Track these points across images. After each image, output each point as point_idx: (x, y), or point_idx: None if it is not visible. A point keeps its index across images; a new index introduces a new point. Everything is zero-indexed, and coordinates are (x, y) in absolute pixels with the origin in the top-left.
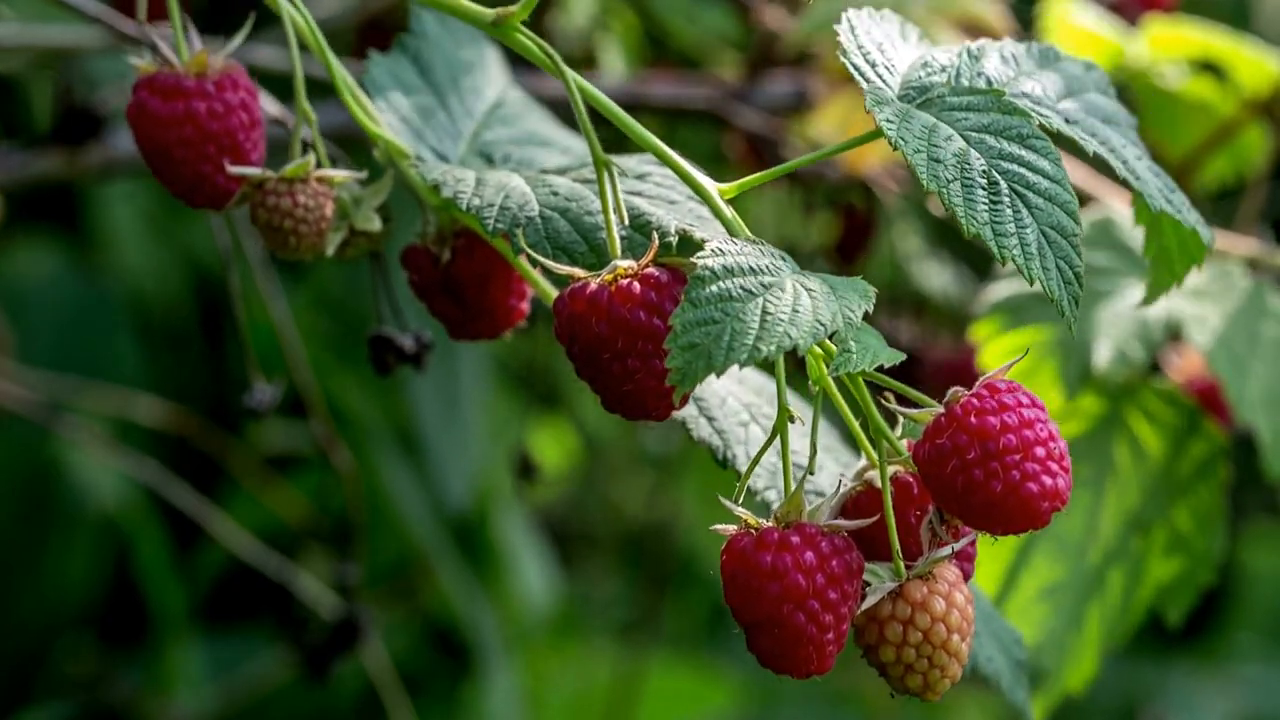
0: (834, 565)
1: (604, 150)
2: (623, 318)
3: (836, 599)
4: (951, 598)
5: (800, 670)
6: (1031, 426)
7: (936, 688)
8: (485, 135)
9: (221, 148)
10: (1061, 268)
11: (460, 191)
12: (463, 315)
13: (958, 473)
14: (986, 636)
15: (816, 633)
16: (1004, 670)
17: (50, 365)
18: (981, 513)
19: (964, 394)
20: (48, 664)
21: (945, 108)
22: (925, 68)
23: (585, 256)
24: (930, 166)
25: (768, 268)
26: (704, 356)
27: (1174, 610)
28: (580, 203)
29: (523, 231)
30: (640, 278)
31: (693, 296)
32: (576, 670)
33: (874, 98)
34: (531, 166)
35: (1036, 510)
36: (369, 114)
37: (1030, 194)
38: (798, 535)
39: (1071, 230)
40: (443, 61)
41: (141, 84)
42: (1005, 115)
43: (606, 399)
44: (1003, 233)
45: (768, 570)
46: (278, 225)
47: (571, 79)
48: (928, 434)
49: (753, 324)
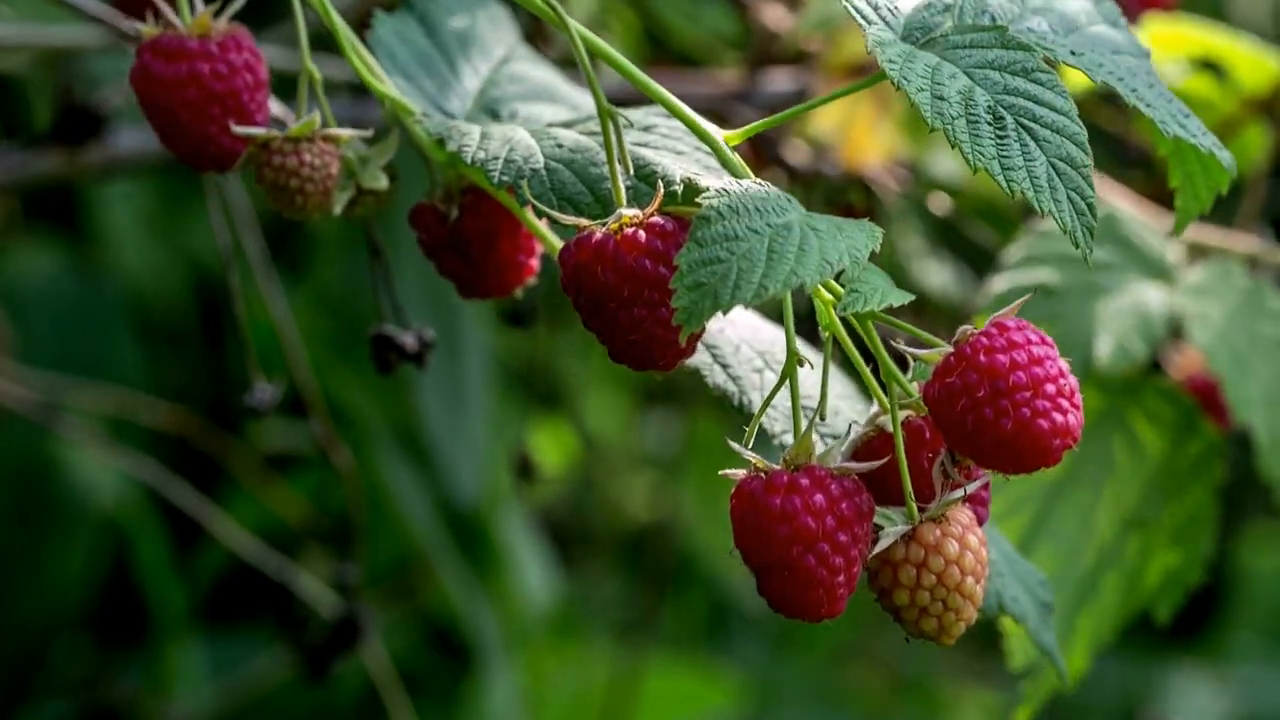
0: (844, 508)
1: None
2: (628, 266)
3: (847, 541)
4: (965, 540)
5: (812, 613)
6: (1041, 364)
7: (951, 630)
8: (492, 92)
9: (226, 108)
10: (1073, 199)
11: (465, 145)
12: (471, 273)
13: (968, 411)
14: (1011, 577)
15: (827, 575)
16: (1030, 610)
17: (50, 365)
18: (992, 451)
19: (973, 332)
20: (47, 664)
21: (949, 46)
22: (929, 7)
23: (591, 207)
24: (934, 104)
25: (774, 208)
26: (710, 295)
27: (1163, 608)
28: (585, 154)
29: (528, 183)
30: (646, 226)
31: (698, 236)
32: (576, 670)
33: (875, 39)
34: (538, 122)
35: (1048, 447)
36: (374, 73)
37: (1037, 127)
38: (807, 478)
39: (1081, 161)
40: (449, 20)
41: (145, 47)
42: (1009, 50)
43: (613, 349)
44: (1010, 166)
45: (777, 513)
46: (284, 184)
47: (574, 30)
48: (937, 373)
49: (759, 262)
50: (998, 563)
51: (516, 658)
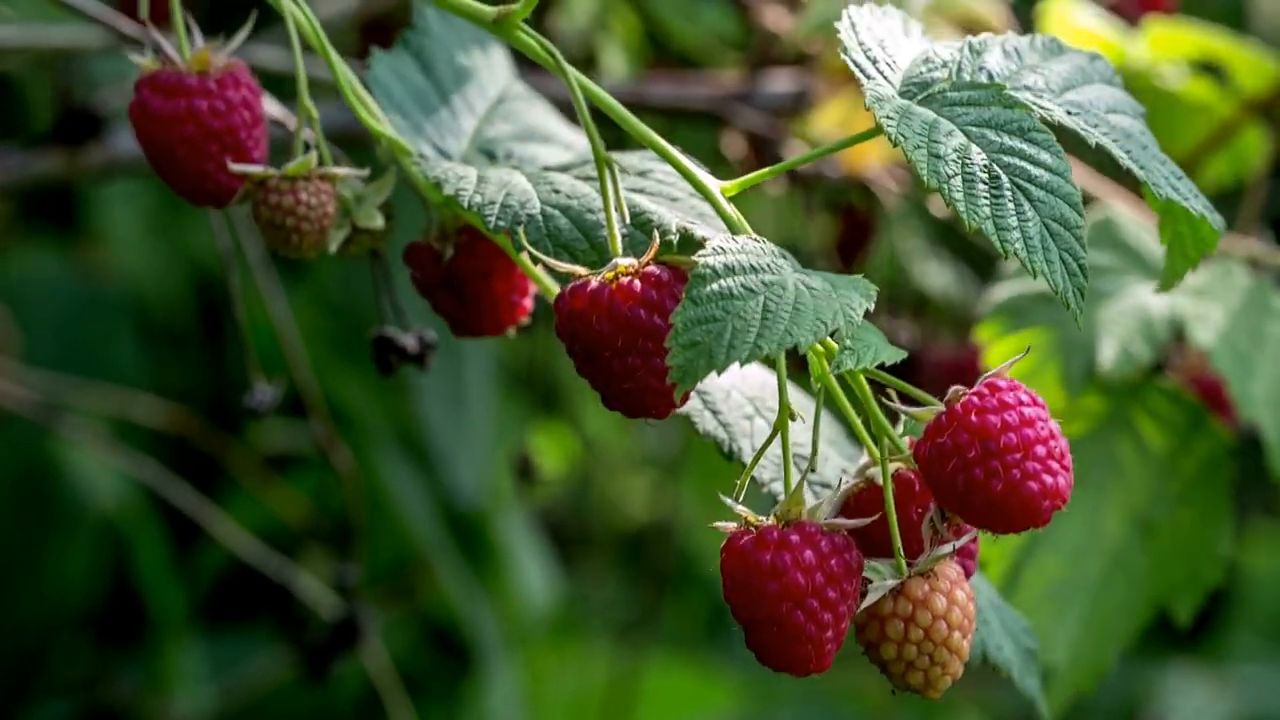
0: (833, 564)
1: (607, 148)
2: (623, 315)
3: (835, 597)
4: (953, 595)
5: (799, 668)
6: (1032, 425)
7: (938, 685)
8: (488, 132)
9: (224, 145)
10: (1065, 260)
11: (462, 189)
12: (465, 312)
13: (958, 471)
14: (996, 625)
15: (815, 631)
16: (1014, 659)
17: (50, 365)
18: (982, 511)
19: (965, 392)
20: (47, 664)
21: (946, 103)
22: (927, 64)
23: (586, 254)
24: (931, 162)
25: (769, 265)
26: (705, 354)
27: (1182, 609)
28: (582, 200)
29: (524, 229)
30: (641, 275)
31: (694, 294)
32: (576, 670)
33: (874, 95)
34: (534, 163)
35: (1037, 509)
36: (371, 111)
37: (1032, 187)
38: (797, 534)
39: (1074, 222)
40: (445, 58)
41: (143, 82)
42: (1006, 109)
43: (607, 397)
44: (1005, 226)
45: (767, 568)
46: (280, 223)
47: (573, 76)
48: (929, 432)
49: (754, 322)
50: (983, 610)
51: (516, 658)
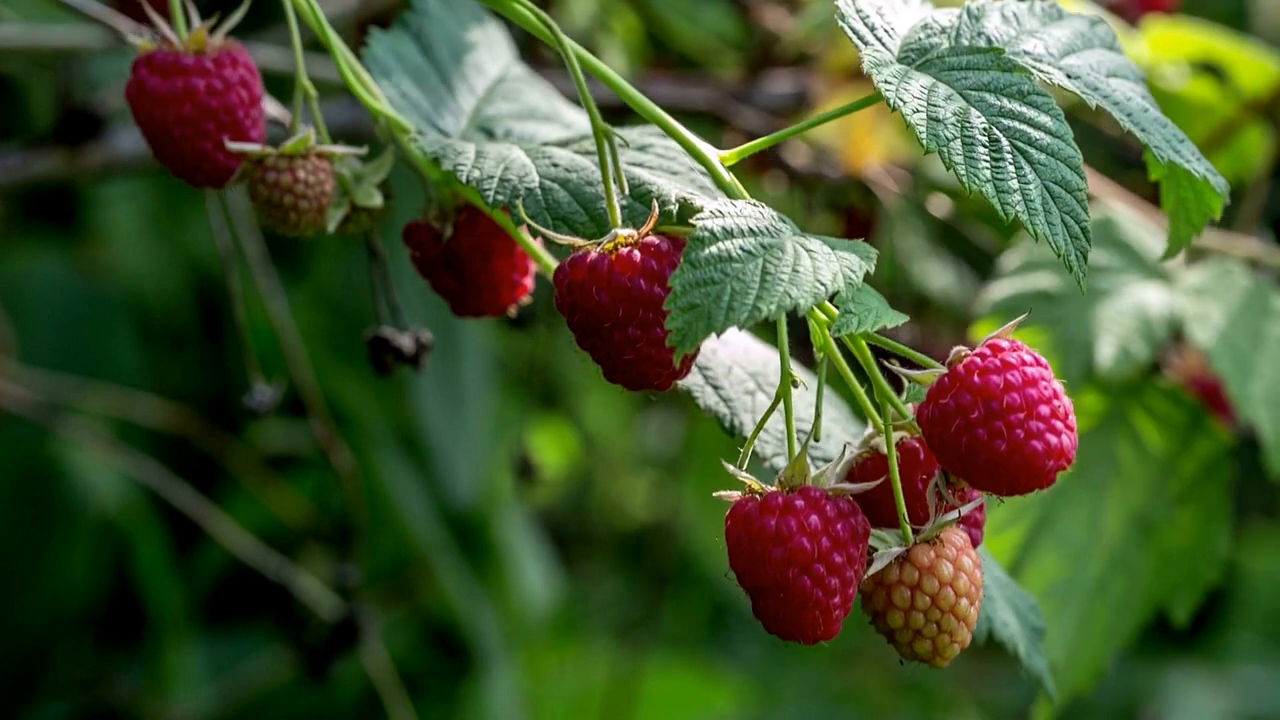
0: (839, 529)
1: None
2: (623, 285)
3: (842, 562)
4: (959, 562)
5: (807, 634)
6: (1035, 385)
7: (945, 652)
8: (487, 110)
9: (221, 125)
10: (1067, 222)
11: (460, 164)
12: (465, 291)
13: (962, 432)
14: (1002, 602)
15: (823, 596)
16: (1020, 636)
17: (50, 365)
18: (986, 472)
19: (967, 353)
20: (48, 664)
21: (945, 68)
22: (925, 29)
23: (586, 226)
24: (930, 126)
25: (767, 229)
26: (704, 317)
27: (1180, 609)
28: (580, 173)
29: (523, 203)
30: (640, 246)
31: (692, 257)
32: (576, 670)
33: (872, 60)
34: (533, 140)
35: (1041, 468)
36: (369, 90)
37: (1032, 150)
38: (802, 499)
39: (1076, 185)
40: (444, 38)
41: (140, 62)
42: (1005, 73)
43: (608, 368)
44: (1005, 189)
45: (772, 534)
46: (278, 201)
47: (570, 48)
48: (931, 395)
49: (752, 284)
50: (989, 586)
51: (516, 658)
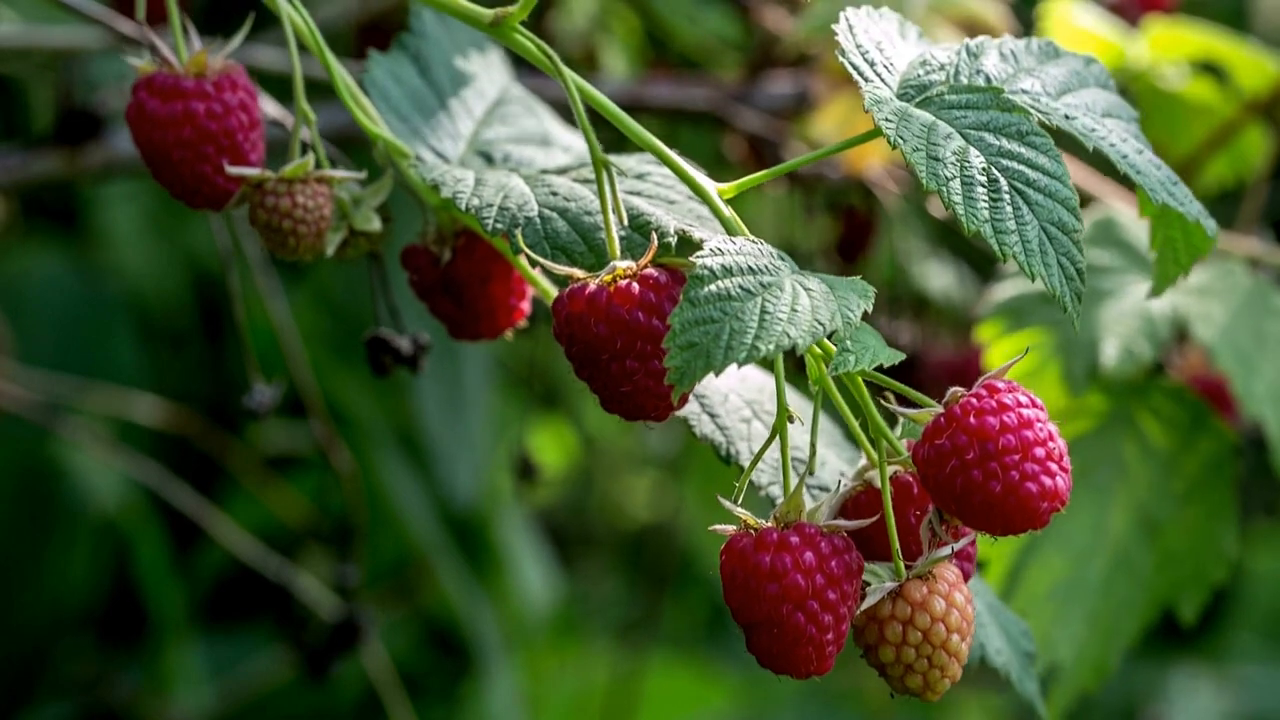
0: (833, 565)
1: (605, 150)
2: (621, 318)
3: (836, 599)
4: (951, 598)
5: (800, 670)
6: (1030, 426)
7: (936, 688)
8: (485, 134)
9: (220, 148)
10: (1063, 264)
11: (459, 191)
12: (463, 315)
13: (957, 473)
14: (994, 629)
15: (816, 633)
16: (1013, 662)
17: (50, 365)
18: (981, 513)
19: (963, 394)
20: (48, 664)
21: (944, 106)
22: (924, 66)
23: (584, 257)
24: (929, 165)
25: (766, 267)
26: (703, 356)
27: (1187, 608)
28: (579, 203)
29: (521, 231)
30: (639, 278)
31: (691, 296)
32: (576, 670)
33: (872, 97)
34: (531, 166)
35: (1035, 510)
36: (368, 114)
37: (1030, 191)
38: (797, 536)
39: (1072, 226)
40: (443, 60)
41: (140, 85)
42: (1004, 112)
43: (605, 399)
44: (1003, 230)
45: (767, 571)
46: (277, 226)
47: (570, 79)
48: (927, 434)
49: (751, 323)
50: (981, 614)
51: (516, 658)
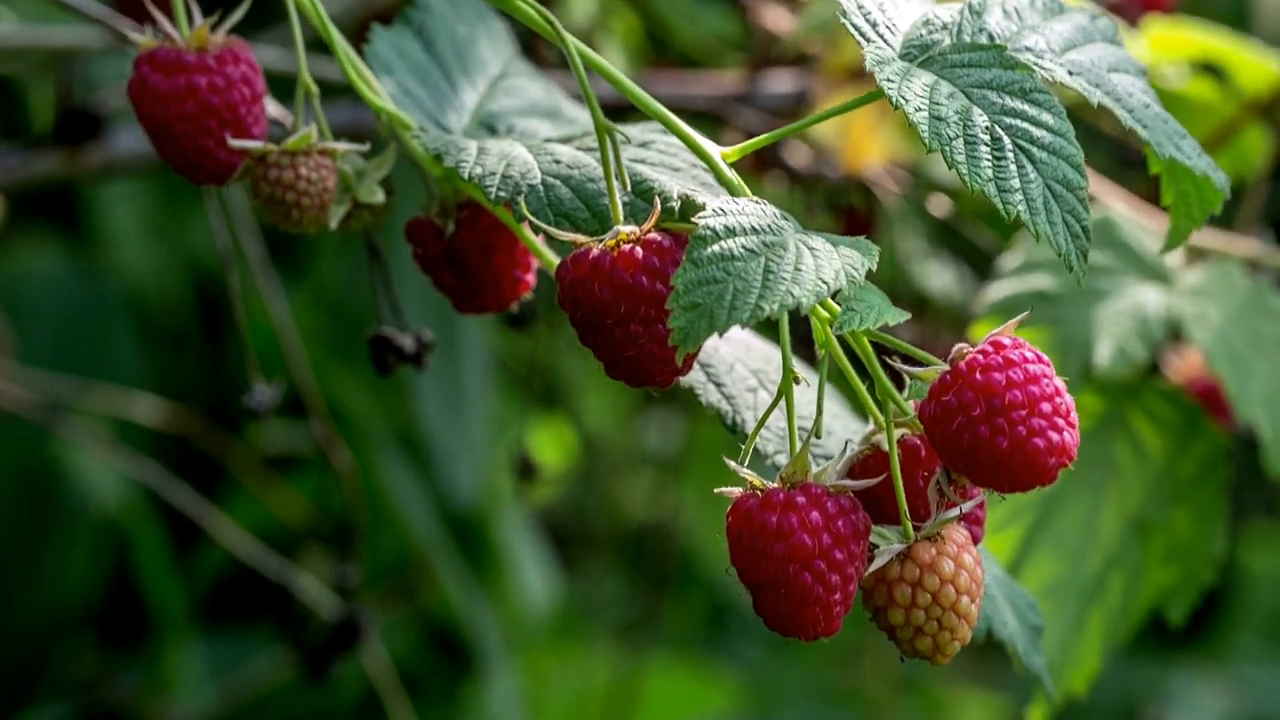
0: (840, 525)
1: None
2: (625, 282)
3: (843, 559)
4: (960, 559)
5: (808, 631)
6: (1037, 382)
7: (946, 650)
8: (489, 107)
9: (223, 121)
10: (1068, 221)
11: (462, 160)
12: (467, 288)
13: (964, 429)
14: (1002, 601)
15: (823, 593)
16: (1019, 635)
17: (50, 365)
18: (988, 470)
19: (969, 350)
20: (48, 664)
21: (947, 65)
22: (927, 26)
23: (588, 223)
24: (932, 124)
25: (770, 227)
26: (706, 316)
27: (1176, 610)
28: (583, 170)
29: (525, 199)
30: (643, 242)
31: (694, 256)
32: (576, 671)
33: (875, 57)
34: (535, 137)
35: (1043, 466)
36: (371, 86)
37: (1034, 148)
38: (803, 495)
39: (1077, 183)
40: (446, 34)
41: (142, 59)
42: (1007, 70)
43: (609, 365)
44: (1007, 188)
45: (773, 530)
46: (280, 198)
47: (571, 43)
48: (933, 392)
49: (755, 283)
50: (989, 585)
51: (517, 659)
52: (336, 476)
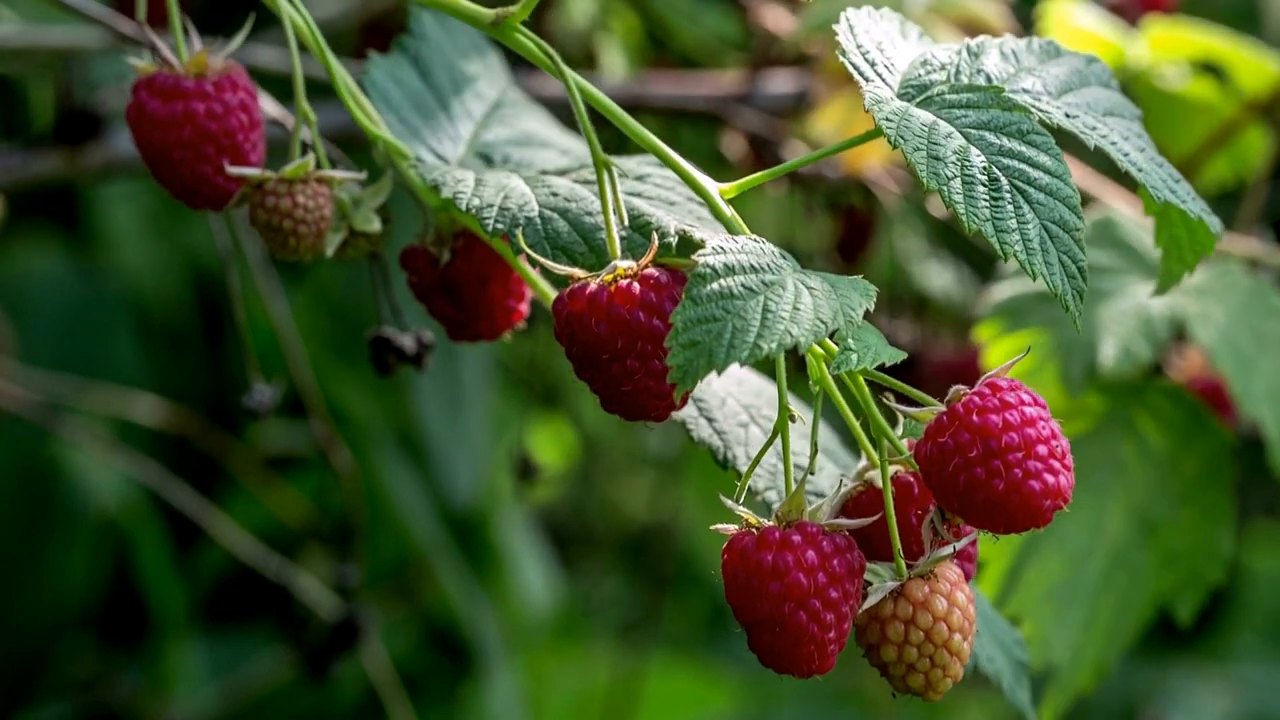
0: (835, 564)
1: (605, 152)
2: (622, 318)
3: (838, 598)
4: (953, 597)
5: (802, 669)
6: (1033, 424)
7: (938, 687)
8: (485, 136)
9: (221, 148)
10: (1064, 262)
11: (460, 192)
12: (462, 316)
13: (960, 471)
14: (987, 637)
15: (818, 631)
16: (1005, 670)
17: (50, 365)
18: (984, 511)
19: (966, 392)
20: (48, 664)
21: (944, 105)
22: (925, 65)
23: (585, 257)
24: (930, 164)
25: (769, 265)
26: (705, 354)
27: (1183, 609)
28: (580, 203)
29: (522, 232)
30: (640, 278)
31: (694, 294)
32: (576, 671)
33: (873, 97)
34: (531, 167)
35: (1039, 508)
36: (368, 115)
37: (1031, 189)
38: (799, 534)
39: (1074, 225)
40: (442, 62)
41: (141, 85)
42: (1005, 111)
43: (605, 399)
44: (1004, 229)
45: (769, 569)
46: (277, 226)
47: (571, 79)
48: (929, 432)
49: (754, 322)
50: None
51: (517, 659)
52: (336, 476)
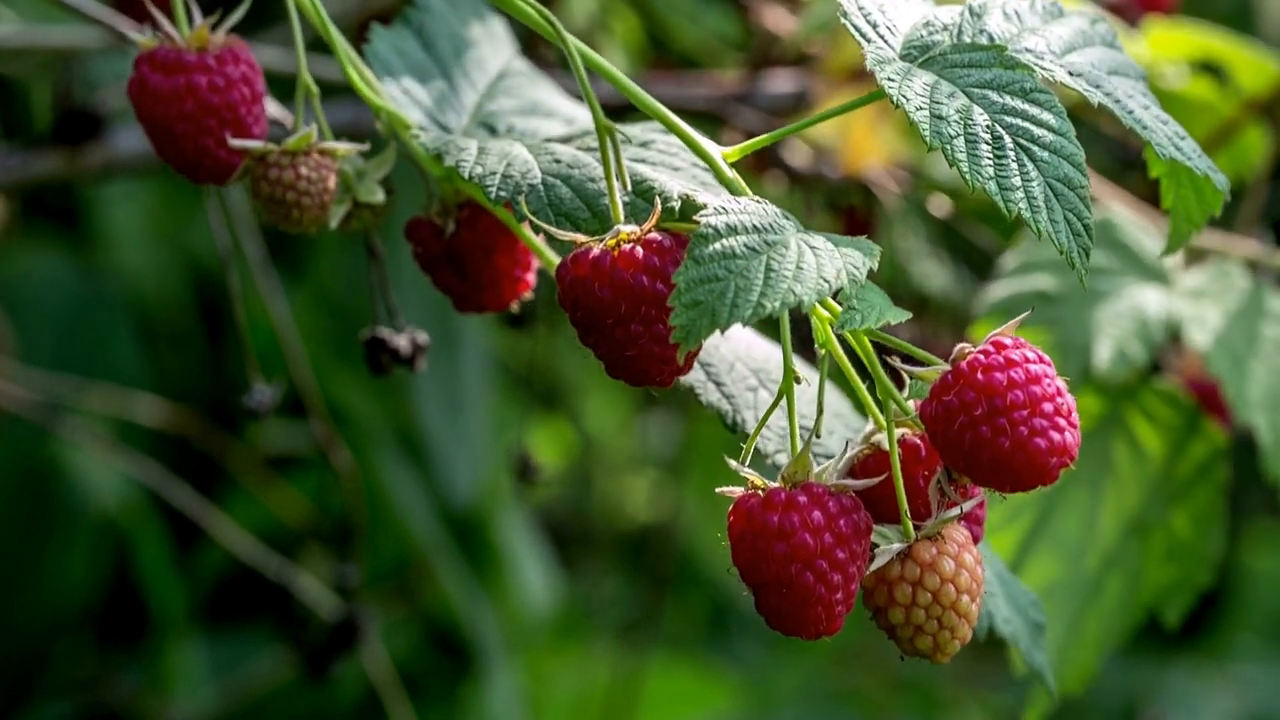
0: (842, 525)
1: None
2: (625, 282)
3: (845, 558)
4: (960, 558)
5: (809, 630)
6: (1039, 382)
7: (946, 649)
8: (489, 106)
9: (223, 121)
10: (1069, 219)
11: (462, 160)
12: (467, 287)
13: (965, 429)
14: (1004, 599)
15: (825, 592)
16: (1022, 632)
17: (50, 365)
18: (990, 469)
19: (970, 350)
20: (48, 664)
21: (947, 65)
22: (927, 26)
23: (588, 223)
24: (933, 123)
25: (771, 225)
26: (708, 314)
27: (1172, 611)
28: (583, 169)
29: (525, 198)
30: (643, 242)
31: (696, 254)
32: (577, 671)
33: (875, 57)
34: (535, 136)
35: (1045, 466)
36: (371, 85)
37: (1035, 147)
38: (805, 495)
39: (1078, 182)
40: (446, 34)
41: (142, 59)
42: (1008, 70)
43: (610, 365)
44: (1008, 186)
45: (775, 530)
46: (280, 197)
47: (572, 43)
48: (934, 392)
49: (757, 281)
50: (990, 582)
51: (517, 659)
52: (336, 476)
